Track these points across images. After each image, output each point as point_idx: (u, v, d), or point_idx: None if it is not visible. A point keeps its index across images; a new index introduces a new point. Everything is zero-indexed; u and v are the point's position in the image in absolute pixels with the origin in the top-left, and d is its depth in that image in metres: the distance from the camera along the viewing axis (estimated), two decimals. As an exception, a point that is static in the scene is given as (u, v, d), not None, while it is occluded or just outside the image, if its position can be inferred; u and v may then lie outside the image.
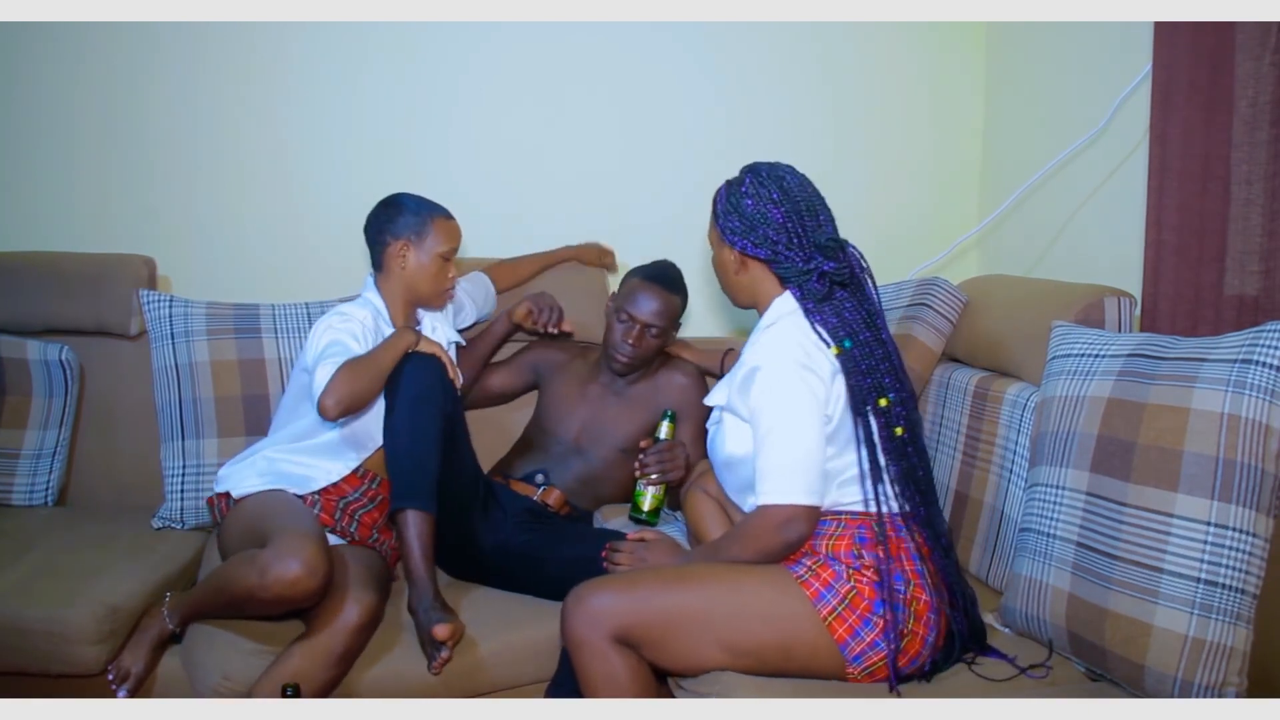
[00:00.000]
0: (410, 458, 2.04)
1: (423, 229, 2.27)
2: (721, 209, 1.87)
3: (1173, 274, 2.06)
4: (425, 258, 2.27)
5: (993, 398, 2.17)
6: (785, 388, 1.74)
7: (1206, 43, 1.99)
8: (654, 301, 2.37)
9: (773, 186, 1.82)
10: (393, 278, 2.29)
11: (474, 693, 1.99)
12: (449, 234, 2.30)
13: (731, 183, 1.89)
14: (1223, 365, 1.60)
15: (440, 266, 2.29)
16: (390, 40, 2.84)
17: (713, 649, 1.70)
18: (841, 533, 1.77)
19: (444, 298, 2.36)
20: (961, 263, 3.08)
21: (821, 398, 1.75)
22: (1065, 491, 1.78)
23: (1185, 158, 2.03)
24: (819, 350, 1.77)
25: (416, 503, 2.01)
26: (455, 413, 2.18)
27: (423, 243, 2.27)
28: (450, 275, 2.32)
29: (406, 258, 2.27)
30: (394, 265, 2.28)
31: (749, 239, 1.82)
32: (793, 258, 1.81)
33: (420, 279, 2.28)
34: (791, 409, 1.74)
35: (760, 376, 1.76)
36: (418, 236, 2.26)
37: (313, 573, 1.81)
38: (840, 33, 2.97)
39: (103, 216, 2.83)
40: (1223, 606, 1.54)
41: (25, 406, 2.52)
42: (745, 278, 1.88)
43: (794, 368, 1.74)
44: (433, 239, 2.27)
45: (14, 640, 1.94)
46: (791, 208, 1.81)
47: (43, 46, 2.75)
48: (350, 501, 2.20)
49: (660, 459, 2.25)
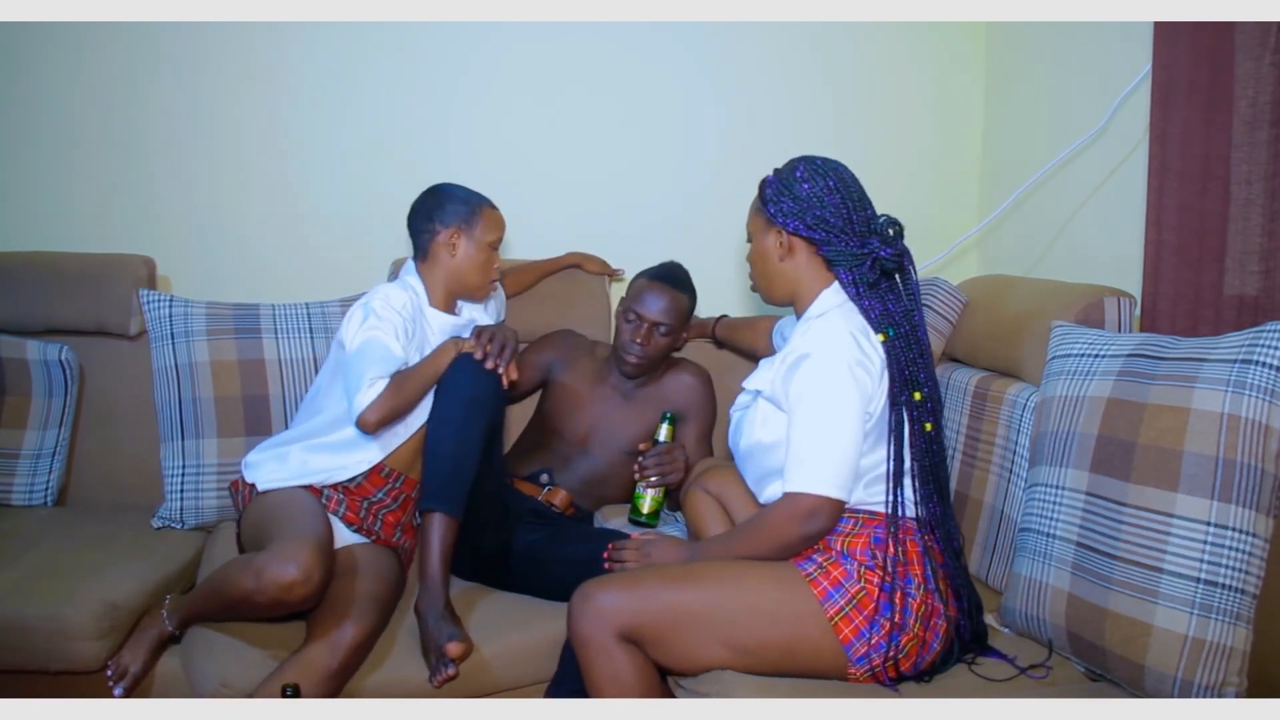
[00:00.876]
0: (451, 460, 2.04)
1: (473, 217, 2.26)
2: (770, 193, 1.87)
3: (1173, 274, 2.06)
4: (474, 247, 2.26)
5: (993, 398, 2.17)
6: (834, 379, 1.74)
7: (1206, 43, 1.98)
8: (661, 300, 2.37)
9: (829, 173, 1.84)
10: (439, 266, 2.27)
11: (475, 693, 1.98)
12: (497, 223, 2.30)
13: (782, 169, 1.89)
14: (1223, 365, 1.60)
15: (488, 256, 2.28)
16: (390, 40, 2.84)
17: (717, 647, 1.70)
18: (859, 531, 1.77)
19: (489, 288, 2.35)
20: (961, 263, 3.08)
21: (868, 394, 1.75)
22: (1065, 491, 1.78)
23: (1185, 158, 2.03)
24: (870, 342, 1.78)
25: (447, 506, 2.01)
26: (499, 421, 2.17)
27: (473, 231, 2.25)
28: (496, 265, 2.32)
29: (456, 246, 2.25)
30: (442, 253, 2.26)
31: (802, 220, 1.82)
32: (848, 241, 1.81)
33: (468, 268, 2.27)
34: (836, 401, 1.74)
35: (809, 364, 1.76)
36: (468, 225, 2.25)
37: (308, 578, 1.80)
38: (841, 33, 2.97)
39: (102, 216, 2.83)
40: (1222, 606, 1.54)
41: (25, 406, 2.52)
42: (789, 264, 1.87)
43: (848, 363, 1.74)
44: (482, 228, 2.26)
45: (14, 638, 1.94)
46: (846, 194, 1.83)
47: (43, 46, 2.75)
48: (374, 502, 2.19)
49: (659, 461, 2.25)
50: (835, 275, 1.84)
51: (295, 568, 1.79)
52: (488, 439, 2.08)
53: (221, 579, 1.92)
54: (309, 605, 1.86)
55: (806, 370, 1.77)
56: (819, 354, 1.76)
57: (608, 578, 1.78)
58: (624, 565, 1.99)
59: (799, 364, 1.78)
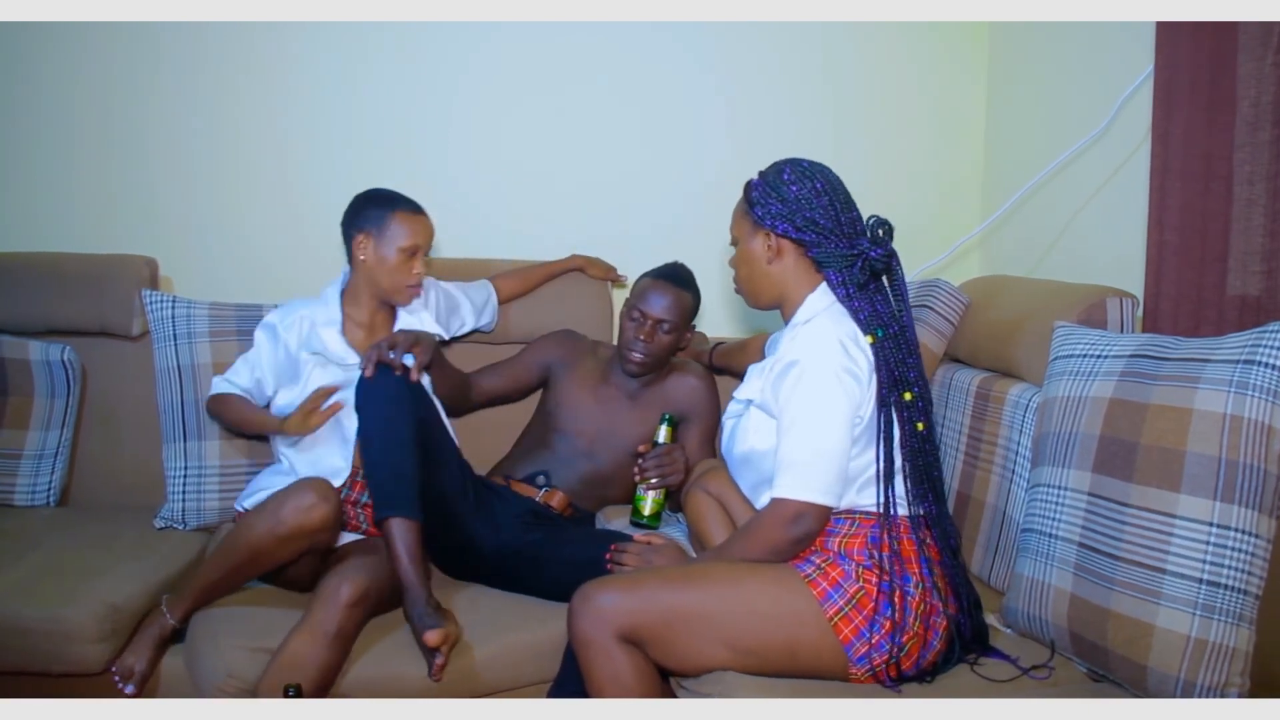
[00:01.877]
0: (385, 466, 2.05)
1: (384, 222, 2.26)
2: (757, 195, 1.87)
3: (1175, 274, 2.06)
4: (386, 251, 2.26)
5: (995, 398, 2.17)
6: (821, 386, 1.74)
7: (1208, 43, 1.98)
8: (665, 298, 2.37)
9: (816, 175, 1.84)
10: (357, 270, 2.31)
11: (474, 694, 1.99)
12: (412, 229, 2.27)
13: (767, 172, 1.89)
14: (1225, 366, 1.60)
15: (402, 261, 2.27)
16: (390, 40, 2.84)
17: (718, 648, 1.70)
18: (855, 531, 1.77)
19: (407, 294, 2.33)
20: (963, 263, 3.08)
21: (856, 400, 1.75)
22: (1067, 492, 1.78)
23: (1187, 158, 2.03)
24: (858, 347, 1.77)
25: (397, 510, 2.02)
26: (430, 415, 2.18)
27: (383, 236, 2.26)
28: (415, 271, 2.29)
29: (367, 250, 2.27)
30: (357, 258, 2.29)
31: (791, 222, 1.82)
32: (837, 242, 1.81)
33: (380, 273, 2.28)
34: (823, 407, 1.74)
35: (796, 371, 1.77)
36: (379, 230, 2.26)
37: (325, 497, 1.95)
38: (842, 33, 2.97)
39: (104, 217, 2.83)
40: (1225, 607, 1.54)
41: (27, 407, 2.52)
42: (777, 267, 1.87)
43: (835, 370, 1.74)
44: (393, 232, 2.26)
45: (15, 640, 1.95)
46: (834, 196, 1.83)
47: (44, 47, 2.75)
48: (356, 499, 2.23)
49: (659, 463, 2.25)
50: (824, 277, 1.84)
51: (311, 492, 1.95)
52: (424, 433, 2.10)
53: (236, 533, 2.01)
54: (327, 533, 1.99)
55: (794, 377, 1.77)
56: (807, 360, 1.76)
57: (608, 579, 1.78)
58: (624, 568, 1.99)
59: (787, 371, 1.79)
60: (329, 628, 1.87)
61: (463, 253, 2.87)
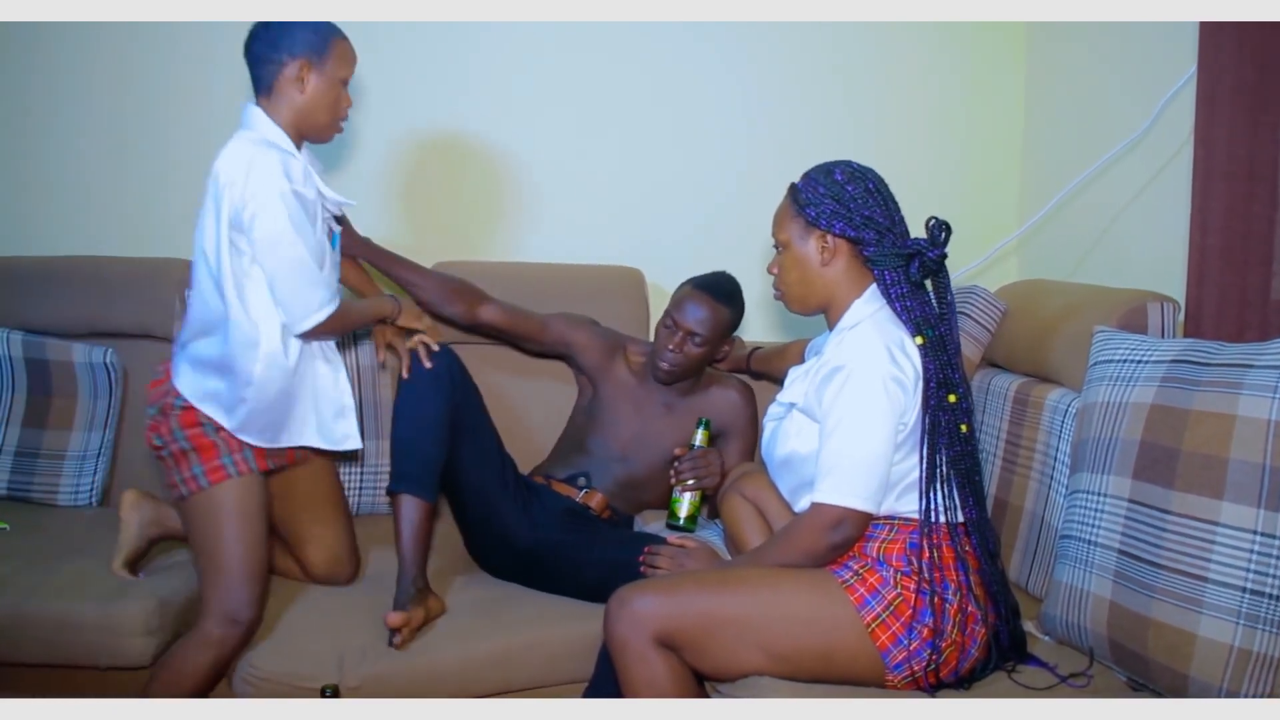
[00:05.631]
0: (406, 441, 2.10)
1: (325, 50, 2.01)
2: (809, 197, 1.85)
3: (1217, 278, 2.03)
4: (325, 83, 2.02)
5: (1033, 403, 2.15)
6: (867, 392, 1.74)
7: (1252, 43, 1.96)
8: (701, 310, 2.33)
9: (868, 176, 1.84)
10: (284, 105, 2.01)
11: (508, 687, 2.01)
12: (349, 57, 2.08)
13: (815, 173, 1.87)
14: (1269, 371, 1.57)
15: (339, 93, 2.06)
16: (402, 40, 2.84)
17: (754, 653, 1.70)
18: (894, 537, 1.76)
19: (335, 130, 2.10)
20: (1001, 267, 3.05)
21: (900, 407, 1.74)
22: (1107, 499, 1.76)
23: (1231, 160, 2.01)
24: (904, 355, 1.76)
25: (408, 487, 2.07)
26: (467, 401, 2.19)
27: (324, 64, 2.01)
28: (345, 104, 2.09)
29: (306, 81, 2.00)
30: (288, 90, 2.00)
31: (849, 221, 1.81)
32: (894, 240, 1.81)
33: (319, 107, 2.03)
34: (867, 413, 1.73)
35: (841, 376, 1.76)
36: (319, 57, 2.01)
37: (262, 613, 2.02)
38: (877, 33, 2.95)
39: (146, 221, 2.87)
40: (1269, 617, 1.51)
41: (71, 408, 2.56)
42: (831, 269, 1.85)
43: (882, 377, 1.74)
44: (334, 62, 2.03)
45: (69, 634, 2.00)
46: (886, 196, 1.83)
47: (93, 50, 2.80)
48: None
49: (695, 465, 2.25)
50: (875, 278, 1.83)
51: (252, 611, 1.98)
52: (456, 421, 2.13)
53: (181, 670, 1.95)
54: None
55: (839, 381, 1.76)
56: (853, 366, 1.75)
57: (644, 583, 1.78)
58: (657, 571, 1.99)
59: (832, 375, 1.78)
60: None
61: (483, 256, 2.88)
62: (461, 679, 1.97)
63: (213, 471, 1.99)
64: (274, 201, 1.93)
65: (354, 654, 1.94)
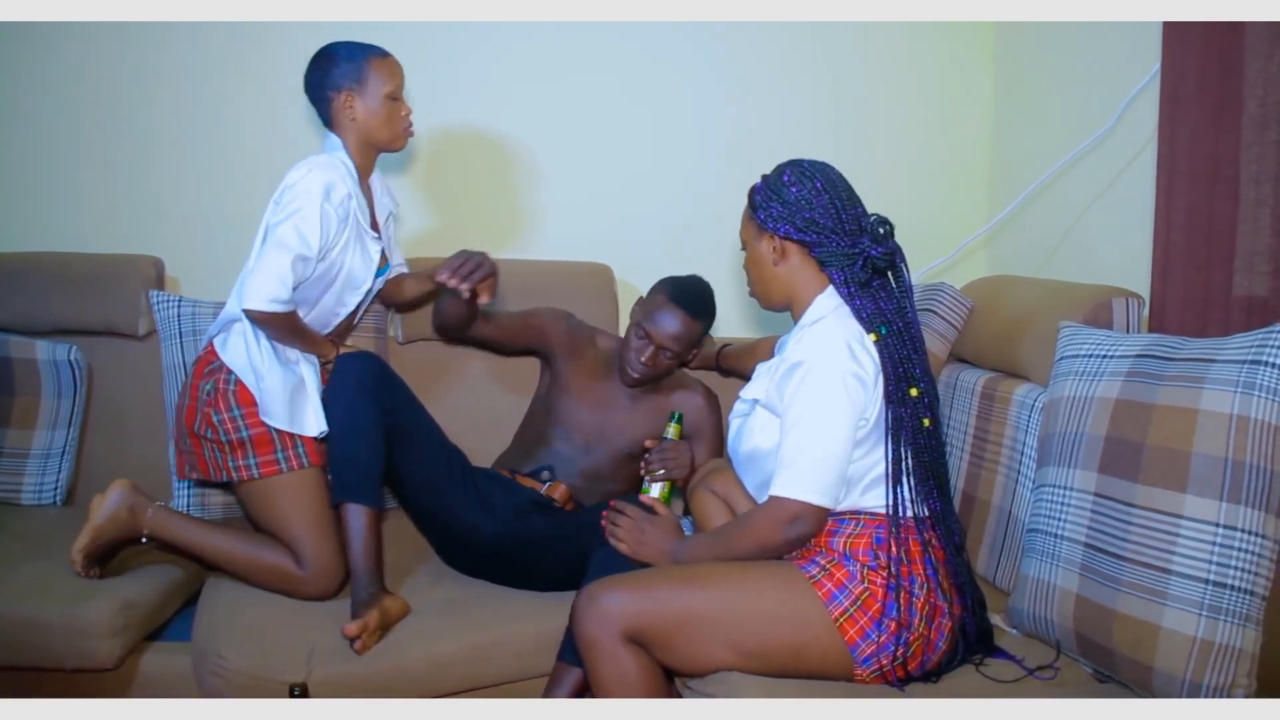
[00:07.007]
0: (342, 452, 2.12)
1: (361, 74, 2.22)
2: (760, 200, 1.87)
3: (1181, 275, 2.05)
4: (373, 103, 2.23)
5: (1000, 398, 2.16)
6: (826, 387, 1.74)
7: (1215, 43, 1.98)
8: (675, 325, 2.32)
9: (816, 175, 1.84)
10: (346, 131, 2.25)
11: (478, 683, 2.02)
12: (390, 71, 2.26)
13: (769, 175, 1.89)
14: (1231, 366, 1.59)
15: (390, 108, 2.25)
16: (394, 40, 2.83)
17: (723, 650, 1.70)
18: (860, 532, 1.77)
19: (403, 138, 2.31)
20: (969, 263, 3.07)
21: (860, 403, 1.75)
22: (1073, 492, 1.78)
23: (1194, 158, 2.03)
24: (864, 350, 1.77)
25: (350, 496, 2.09)
26: (396, 402, 2.19)
27: (364, 88, 2.22)
28: (404, 114, 2.28)
29: (354, 109, 2.23)
30: (343, 119, 2.24)
31: (792, 223, 1.82)
32: (838, 241, 1.81)
33: (374, 126, 2.25)
34: (826, 408, 1.74)
35: (801, 371, 1.77)
36: (358, 83, 2.22)
37: (338, 587, 2.12)
38: (848, 34, 2.97)
39: (111, 217, 2.84)
40: (1231, 608, 1.54)
41: (34, 406, 2.52)
42: (783, 269, 1.87)
43: (841, 373, 1.74)
44: (374, 81, 2.23)
45: (34, 636, 1.97)
46: (834, 195, 1.82)
47: (50, 47, 2.76)
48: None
49: (665, 456, 2.27)
50: (828, 277, 1.84)
51: (333, 586, 2.11)
52: (391, 425, 2.14)
53: (254, 568, 2.12)
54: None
55: (799, 377, 1.77)
56: (812, 361, 1.76)
57: (613, 579, 1.78)
58: (617, 530, 2.00)
59: (793, 371, 1.79)
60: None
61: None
62: (431, 676, 1.97)
63: (266, 465, 2.13)
64: (302, 198, 2.12)
65: (324, 651, 1.93)
